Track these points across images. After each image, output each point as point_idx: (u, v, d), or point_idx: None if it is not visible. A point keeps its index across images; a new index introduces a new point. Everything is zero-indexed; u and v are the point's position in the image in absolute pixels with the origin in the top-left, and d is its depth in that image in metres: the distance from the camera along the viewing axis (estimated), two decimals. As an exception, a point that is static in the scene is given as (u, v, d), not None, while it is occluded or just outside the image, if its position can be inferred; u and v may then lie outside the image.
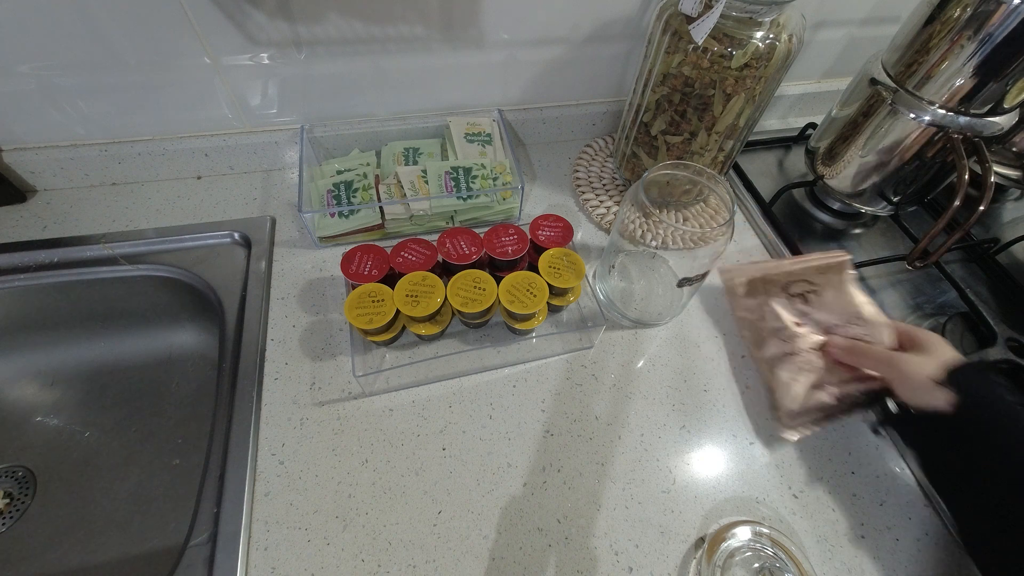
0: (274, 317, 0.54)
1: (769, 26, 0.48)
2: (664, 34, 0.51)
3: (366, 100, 0.63)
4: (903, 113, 0.54)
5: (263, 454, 0.45)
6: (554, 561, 0.42)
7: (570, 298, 0.54)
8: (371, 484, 0.44)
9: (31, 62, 0.51)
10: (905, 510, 0.46)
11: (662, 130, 0.57)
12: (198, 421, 0.60)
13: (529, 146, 0.74)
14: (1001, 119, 0.52)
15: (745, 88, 0.50)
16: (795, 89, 0.78)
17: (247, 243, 0.58)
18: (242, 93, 0.58)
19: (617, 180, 0.68)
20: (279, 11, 0.52)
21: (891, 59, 0.55)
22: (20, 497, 0.55)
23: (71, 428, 0.60)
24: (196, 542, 0.41)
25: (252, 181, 0.65)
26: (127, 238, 0.57)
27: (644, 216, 0.49)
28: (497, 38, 0.60)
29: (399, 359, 0.52)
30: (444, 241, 0.52)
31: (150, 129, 0.60)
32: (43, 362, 0.62)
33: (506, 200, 0.61)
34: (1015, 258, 0.64)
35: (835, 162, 0.62)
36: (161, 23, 0.50)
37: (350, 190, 0.59)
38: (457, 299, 0.48)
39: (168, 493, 0.56)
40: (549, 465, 0.46)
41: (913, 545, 0.44)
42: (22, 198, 0.61)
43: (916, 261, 0.56)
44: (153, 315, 0.62)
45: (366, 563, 0.41)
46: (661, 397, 0.51)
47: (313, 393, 0.49)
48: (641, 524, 0.44)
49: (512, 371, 0.52)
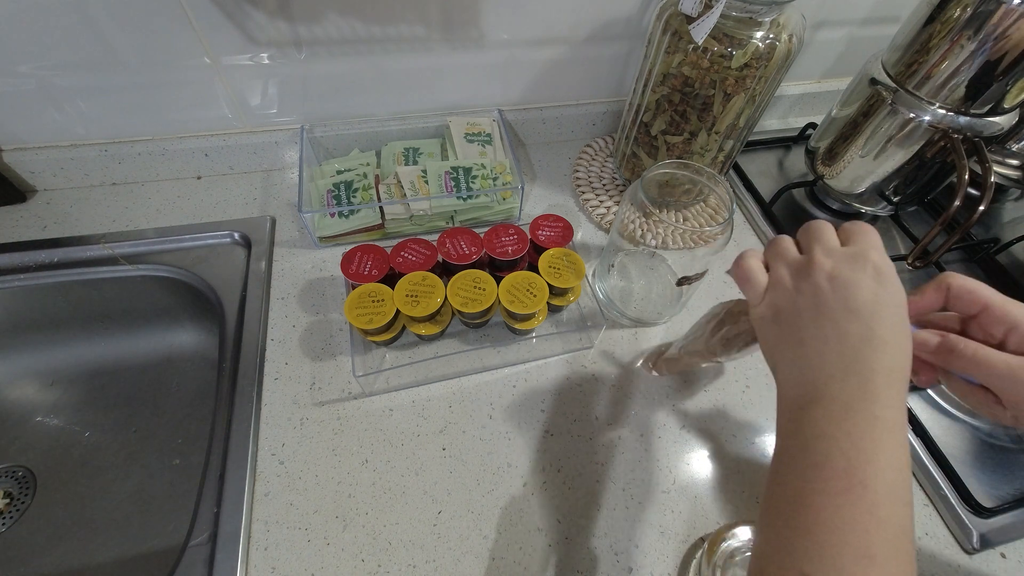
0: (274, 317, 0.54)
1: (769, 26, 0.48)
2: (664, 34, 0.51)
3: (366, 100, 0.63)
4: (903, 113, 0.54)
5: (263, 454, 0.45)
6: (554, 561, 0.42)
7: (570, 298, 0.54)
8: (371, 484, 0.44)
9: (31, 62, 0.51)
10: (905, 510, 0.46)
11: (662, 130, 0.57)
12: (198, 421, 0.60)
13: (529, 146, 0.74)
14: (1001, 119, 0.52)
15: (745, 88, 0.50)
16: (795, 89, 0.78)
17: (247, 243, 0.58)
18: (242, 93, 0.58)
19: (617, 180, 0.68)
20: (279, 11, 0.52)
21: (891, 59, 0.55)
22: (20, 497, 0.55)
23: (71, 428, 0.60)
24: (196, 542, 0.41)
25: (252, 181, 0.65)
26: (127, 238, 0.57)
27: (644, 216, 0.49)
28: (497, 38, 0.60)
29: (399, 359, 0.52)
30: (444, 241, 0.52)
31: (150, 129, 0.60)
32: (43, 362, 0.62)
33: (506, 200, 0.61)
34: (1015, 258, 0.64)
35: (835, 162, 0.62)
36: (161, 23, 0.50)
37: (350, 190, 0.59)
38: (457, 299, 0.48)
39: (168, 493, 0.56)
40: (549, 465, 0.46)
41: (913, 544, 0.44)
42: (22, 198, 0.61)
43: (916, 261, 0.56)
44: (153, 315, 0.62)
45: (366, 563, 0.41)
46: (661, 397, 0.51)
47: (313, 393, 0.49)
48: (641, 524, 0.44)
49: (512, 371, 0.52)
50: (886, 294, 0.28)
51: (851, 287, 0.28)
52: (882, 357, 0.27)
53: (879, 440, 0.25)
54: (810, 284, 0.29)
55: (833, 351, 0.28)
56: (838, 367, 0.28)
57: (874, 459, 0.25)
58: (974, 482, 0.46)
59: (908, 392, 0.33)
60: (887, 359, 0.27)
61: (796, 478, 0.27)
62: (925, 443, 0.48)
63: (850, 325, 0.28)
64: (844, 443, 0.26)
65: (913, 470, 0.48)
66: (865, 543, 0.24)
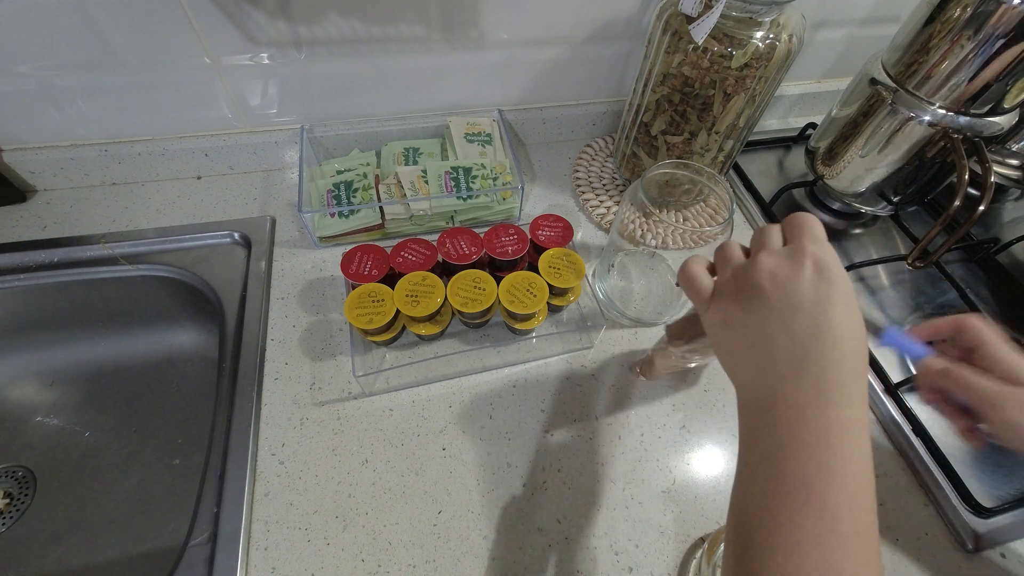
0: (274, 317, 0.54)
1: (769, 26, 0.48)
2: (664, 34, 0.51)
3: (366, 100, 0.63)
4: (903, 113, 0.53)
5: (263, 454, 0.45)
6: (554, 561, 0.42)
7: (570, 298, 0.54)
8: (371, 484, 0.44)
9: (31, 62, 0.51)
10: (905, 510, 0.46)
11: (662, 130, 0.57)
12: (198, 421, 0.60)
13: (529, 146, 0.74)
14: (1001, 119, 0.52)
15: (745, 88, 0.50)
16: (795, 89, 0.78)
17: (247, 243, 0.58)
18: (242, 93, 0.58)
19: (617, 180, 0.68)
20: (279, 11, 0.52)
21: (891, 59, 0.55)
22: (20, 497, 0.55)
23: (71, 428, 0.60)
24: (196, 542, 0.41)
25: (252, 181, 0.65)
26: (127, 238, 0.57)
27: (644, 216, 0.49)
28: (497, 38, 0.60)
29: (399, 359, 0.52)
30: (444, 241, 0.52)
31: (150, 129, 0.60)
32: (43, 362, 0.62)
33: (506, 200, 0.61)
34: (1015, 258, 0.64)
35: (835, 162, 0.62)
36: (161, 23, 0.50)
37: (350, 190, 0.59)
38: (457, 299, 0.48)
39: (168, 493, 0.56)
40: (549, 465, 0.46)
41: (913, 544, 0.44)
42: (22, 198, 0.61)
43: (916, 261, 0.56)
44: (153, 315, 0.62)
45: (366, 563, 0.41)
46: (661, 397, 0.51)
47: (313, 393, 0.49)
48: (641, 524, 0.44)
49: (512, 371, 0.52)
50: (828, 286, 0.27)
51: (790, 283, 0.28)
52: (831, 352, 0.26)
53: (836, 447, 0.25)
54: (752, 285, 0.29)
55: (782, 350, 0.27)
56: (789, 367, 0.27)
57: (832, 469, 0.24)
58: (974, 482, 0.46)
59: (869, 388, 0.37)
60: (836, 353, 0.26)
61: (758, 491, 0.27)
62: (925, 443, 0.48)
63: (795, 322, 0.27)
64: (801, 454, 0.25)
65: (913, 470, 0.48)
66: (828, 561, 0.23)
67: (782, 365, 0.27)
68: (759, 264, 0.29)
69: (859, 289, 0.61)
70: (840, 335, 0.27)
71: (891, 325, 0.58)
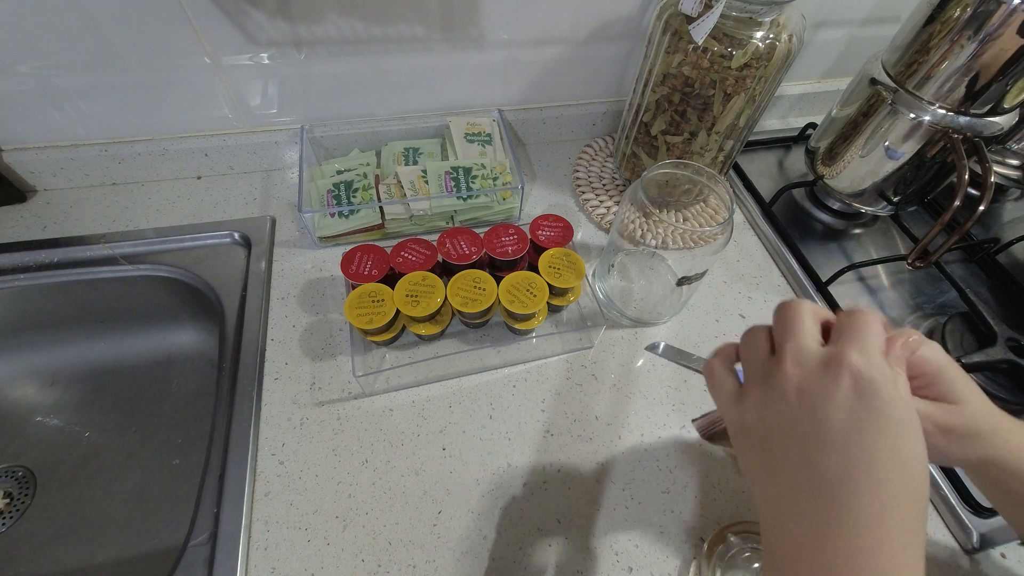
0: (274, 317, 0.54)
1: (769, 26, 0.48)
2: (664, 34, 0.51)
3: (366, 100, 0.63)
4: (903, 113, 0.53)
5: (263, 454, 0.45)
6: (554, 561, 0.42)
7: (570, 298, 0.54)
8: (371, 484, 0.44)
9: (31, 62, 0.51)
10: (905, 510, 0.46)
11: (662, 130, 0.57)
12: (198, 421, 0.60)
13: (529, 146, 0.74)
14: (1001, 119, 0.52)
15: (745, 88, 0.50)
16: (795, 89, 0.78)
17: (247, 243, 0.58)
18: (242, 93, 0.58)
19: (617, 180, 0.68)
20: (279, 11, 0.52)
21: (891, 59, 0.55)
22: (20, 497, 0.55)
23: (71, 428, 0.60)
24: (196, 542, 0.41)
25: (252, 181, 0.65)
26: (127, 238, 0.57)
27: (644, 216, 0.49)
28: (497, 38, 0.60)
29: (399, 359, 0.52)
30: (444, 241, 0.52)
31: (150, 129, 0.60)
32: (43, 362, 0.62)
33: (506, 200, 0.61)
34: (1015, 258, 0.64)
35: (835, 162, 0.62)
36: (161, 23, 0.50)
37: (350, 190, 0.59)
38: (457, 299, 0.48)
39: (168, 493, 0.56)
40: (549, 465, 0.46)
41: (913, 545, 0.44)
42: (22, 198, 0.61)
43: (916, 261, 0.56)
44: (153, 315, 0.62)
45: (366, 563, 0.41)
46: (661, 397, 0.51)
47: (313, 393, 0.49)
48: (641, 524, 0.44)
49: (512, 371, 0.52)
50: (868, 413, 0.21)
51: (820, 406, 0.22)
52: (869, 501, 0.20)
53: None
54: (777, 398, 0.23)
55: (805, 493, 0.22)
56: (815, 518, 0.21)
57: None
58: (974, 482, 0.46)
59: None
60: (876, 504, 0.20)
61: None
62: (925, 443, 0.48)
63: (822, 457, 0.21)
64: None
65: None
66: None
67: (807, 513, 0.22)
68: (785, 372, 0.24)
69: (859, 290, 0.61)
70: (882, 478, 0.21)
71: None
